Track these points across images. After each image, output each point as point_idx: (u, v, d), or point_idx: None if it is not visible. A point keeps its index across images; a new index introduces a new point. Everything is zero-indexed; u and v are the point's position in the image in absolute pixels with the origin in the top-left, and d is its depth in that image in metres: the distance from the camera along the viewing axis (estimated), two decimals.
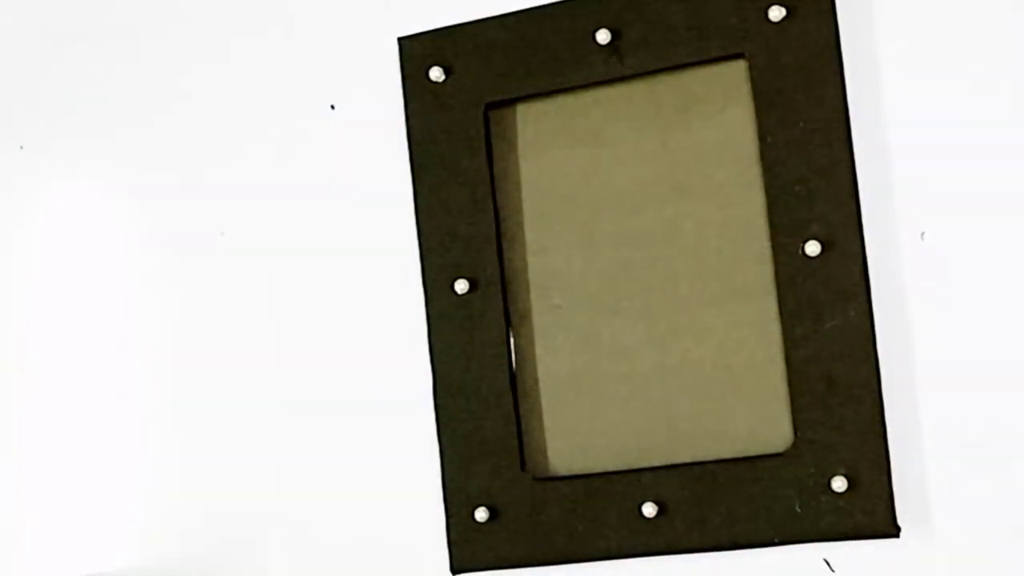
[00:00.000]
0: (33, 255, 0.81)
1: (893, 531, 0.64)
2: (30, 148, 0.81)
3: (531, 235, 0.71)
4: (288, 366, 0.76)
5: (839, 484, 0.64)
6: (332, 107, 0.74)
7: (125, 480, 0.79)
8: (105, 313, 0.79)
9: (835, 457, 0.65)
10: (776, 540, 0.65)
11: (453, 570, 0.71)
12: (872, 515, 0.64)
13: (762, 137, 0.67)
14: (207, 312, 0.77)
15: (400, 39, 0.72)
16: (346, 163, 0.74)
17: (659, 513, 0.67)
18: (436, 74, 0.71)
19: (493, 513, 0.70)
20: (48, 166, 0.81)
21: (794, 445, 0.65)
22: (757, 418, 0.67)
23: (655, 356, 0.69)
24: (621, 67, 0.69)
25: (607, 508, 0.68)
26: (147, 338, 0.78)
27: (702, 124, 0.69)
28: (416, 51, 0.72)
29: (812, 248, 0.65)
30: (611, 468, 0.69)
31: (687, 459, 0.68)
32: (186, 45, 0.78)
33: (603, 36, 0.68)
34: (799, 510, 0.65)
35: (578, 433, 0.70)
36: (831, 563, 0.65)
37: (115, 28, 0.79)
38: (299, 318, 0.75)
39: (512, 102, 0.71)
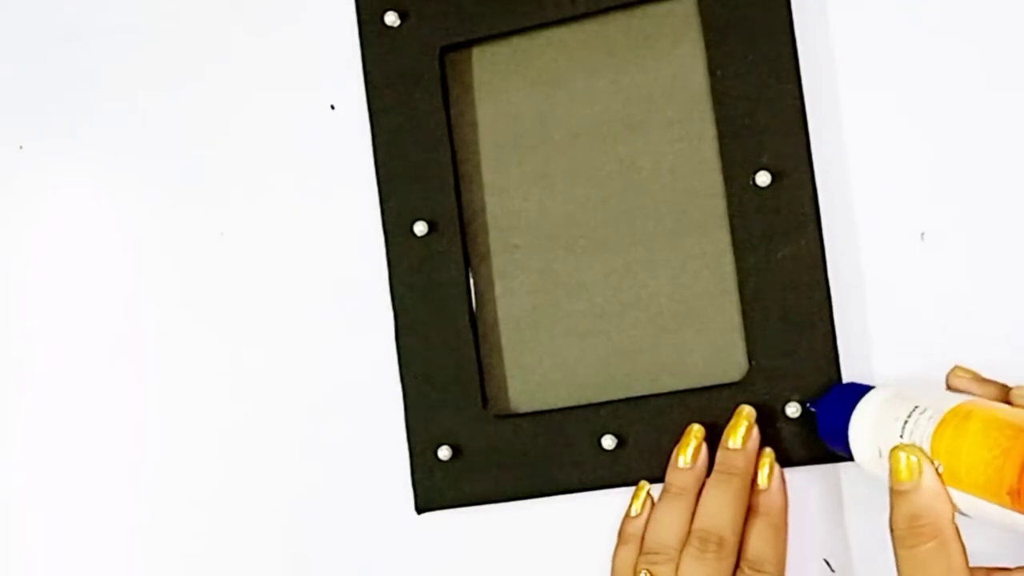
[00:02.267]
0: (33, 255, 0.82)
1: (848, 455, 0.64)
2: (30, 148, 0.82)
3: (489, 176, 0.72)
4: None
5: (793, 410, 0.65)
6: (332, 107, 0.75)
7: (122, 478, 0.79)
8: (104, 313, 0.80)
9: (789, 384, 0.65)
10: None
11: (418, 509, 0.71)
12: None
13: (712, 72, 0.67)
14: (206, 310, 0.78)
15: None
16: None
17: (618, 445, 0.68)
18: (391, 19, 0.72)
19: (456, 451, 0.71)
20: (48, 166, 0.82)
21: (749, 374, 0.66)
22: (713, 349, 0.68)
23: (612, 292, 0.70)
24: (573, 7, 0.69)
25: (568, 442, 0.69)
26: (146, 338, 0.79)
27: (654, 62, 0.70)
28: None
29: (763, 179, 0.66)
30: (571, 403, 0.70)
31: (645, 392, 0.69)
32: (185, 43, 0.79)
33: None
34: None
35: (538, 370, 0.71)
36: (831, 564, 0.66)
37: (114, 28, 0.80)
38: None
39: (467, 45, 0.72)
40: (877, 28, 0.66)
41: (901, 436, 0.56)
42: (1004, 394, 0.57)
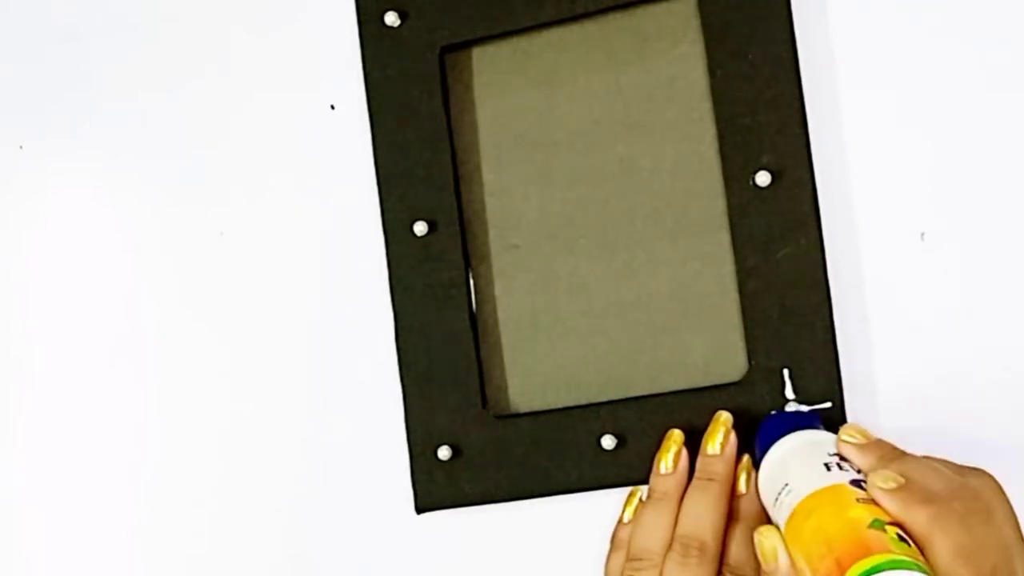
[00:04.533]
0: (33, 255, 0.81)
1: None
2: (30, 148, 0.82)
3: (488, 176, 0.72)
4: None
5: (792, 410, 0.65)
6: (332, 107, 0.75)
7: (122, 478, 0.79)
8: (104, 313, 0.80)
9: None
10: None
11: (418, 509, 0.71)
12: None
13: (712, 72, 0.67)
14: (206, 310, 0.78)
15: None
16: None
17: (618, 445, 0.68)
18: (391, 19, 0.72)
19: (456, 451, 0.71)
20: (48, 166, 0.81)
21: (748, 373, 0.66)
22: (712, 349, 0.68)
23: (612, 292, 0.70)
24: (573, 7, 0.69)
25: (567, 442, 0.69)
26: (146, 338, 0.79)
27: (654, 62, 0.70)
28: None
29: (763, 179, 0.66)
30: (571, 403, 0.70)
31: (645, 392, 0.69)
32: (185, 43, 0.78)
33: None
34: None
35: (538, 370, 0.71)
36: None
37: (114, 28, 0.80)
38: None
39: (467, 45, 0.72)
40: (877, 28, 0.66)
41: (775, 504, 0.59)
42: (886, 457, 0.58)
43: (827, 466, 0.58)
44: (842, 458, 0.59)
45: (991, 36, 0.64)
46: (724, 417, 0.65)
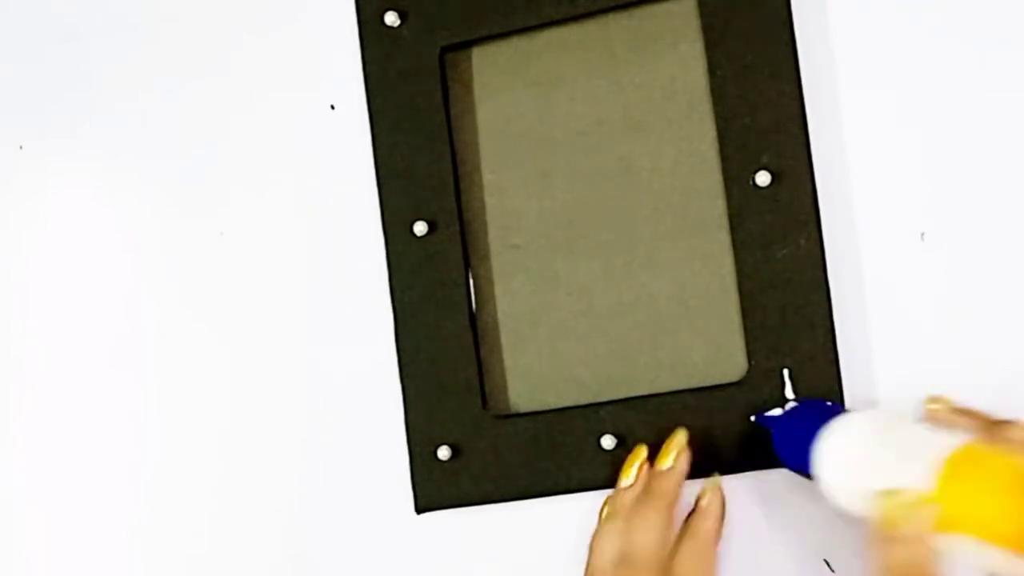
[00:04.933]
0: (33, 255, 0.82)
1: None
2: (30, 148, 0.82)
3: (488, 176, 0.72)
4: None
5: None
6: (332, 107, 0.75)
7: (122, 478, 0.79)
8: (104, 313, 0.80)
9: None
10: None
11: (418, 509, 0.71)
12: None
13: (712, 72, 0.67)
14: (206, 310, 0.78)
15: None
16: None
17: (618, 445, 0.68)
18: (391, 19, 0.72)
19: (456, 451, 0.71)
20: (48, 166, 0.82)
21: (748, 373, 0.66)
22: (712, 349, 0.68)
23: (612, 292, 0.70)
24: (573, 7, 0.69)
25: (567, 442, 0.69)
26: (146, 338, 0.79)
27: (654, 62, 0.70)
28: None
29: (762, 179, 0.66)
30: (571, 403, 0.70)
31: (645, 392, 0.69)
32: (185, 43, 0.78)
33: None
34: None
35: (538, 371, 0.71)
36: (831, 564, 0.66)
37: (114, 28, 0.80)
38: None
39: (467, 45, 0.72)
40: (877, 28, 0.66)
41: (894, 476, 0.54)
42: (985, 422, 0.58)
43: (932, 435, 0.55)
44: (931, 429, 0.56)
45: (991, 36, 0.64)
46: (680, 435, 0.66)
